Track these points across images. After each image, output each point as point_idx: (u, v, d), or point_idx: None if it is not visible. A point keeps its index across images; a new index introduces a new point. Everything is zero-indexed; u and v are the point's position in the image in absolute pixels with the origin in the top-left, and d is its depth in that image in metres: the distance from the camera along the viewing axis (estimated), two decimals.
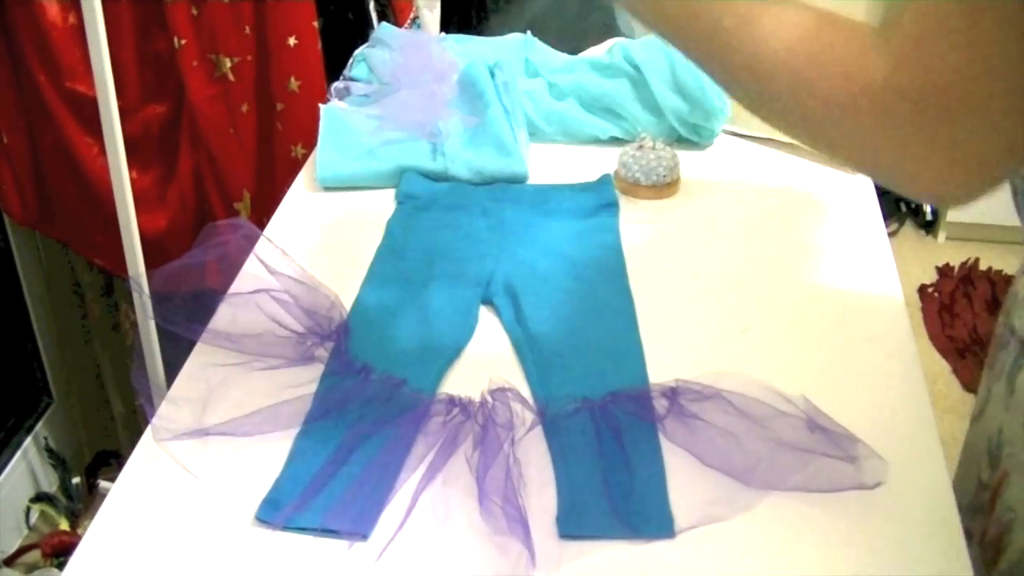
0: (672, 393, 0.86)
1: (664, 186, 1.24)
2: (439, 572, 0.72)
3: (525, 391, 0.90)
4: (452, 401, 0.86)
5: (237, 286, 0.99)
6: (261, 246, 1.00)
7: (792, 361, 0.93)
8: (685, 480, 0.79)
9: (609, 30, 1.54)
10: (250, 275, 0.99)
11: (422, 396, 0.87)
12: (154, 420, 0.84)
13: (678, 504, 0.77)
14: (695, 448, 0.82)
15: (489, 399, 0.86)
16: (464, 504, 0.77)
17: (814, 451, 0.80)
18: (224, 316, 0.95)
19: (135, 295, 1.59)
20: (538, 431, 0.85)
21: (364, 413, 0.85)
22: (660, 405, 0.85)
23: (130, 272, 1.50)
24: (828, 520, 0.76)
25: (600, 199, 1.19)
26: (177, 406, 0.87)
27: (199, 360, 0.93)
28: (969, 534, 0.77)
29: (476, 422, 0.84)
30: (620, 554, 0.74)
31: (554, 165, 1.30)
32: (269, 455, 0.82)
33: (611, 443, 0.82)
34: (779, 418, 0.82)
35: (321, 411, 0.86)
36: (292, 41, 1.61)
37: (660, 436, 0.83)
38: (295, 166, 1.47)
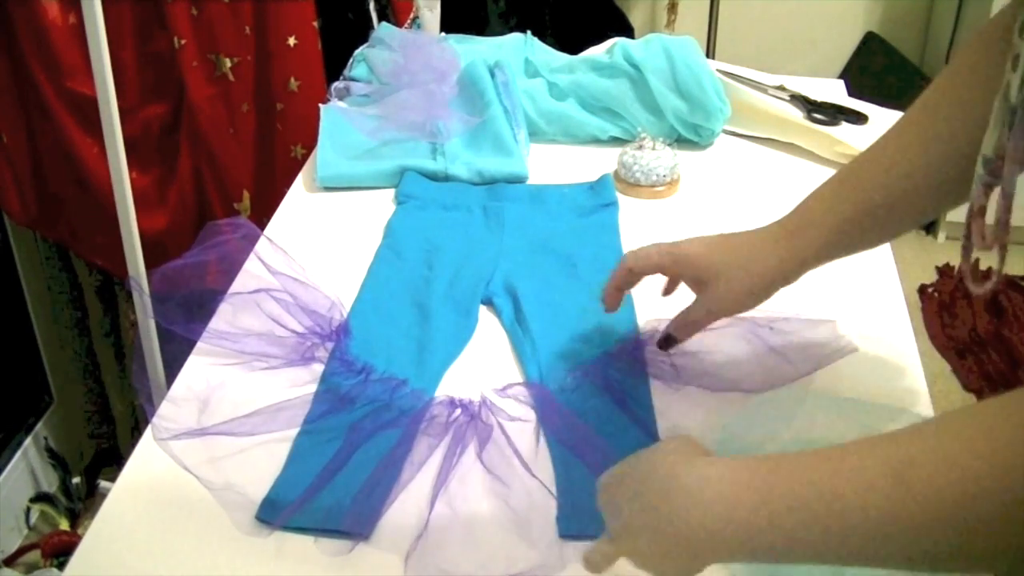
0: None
1: (664, 186, 1.24)
2: (472, 571, 0.72)
3: (525, 391, 0.90)
4: (453, 402, 0.86)
5: (237, 286, 0.99)
6: (261, 246, 1.00)
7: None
8: None
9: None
10: (250, 275, 0.99)
11: (423, 396, 0.88)
12: (154, 420, 0.84)
13: None
14: (701, 380, 0.87)
15: (492, 396, 0.86)
16: (485, 501, 0.77)
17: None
18: (224, 316, 0.95)
19: (135, 295, 1.59)
20: (538, 430, 0.85)
21: (365, 413, 0.85)
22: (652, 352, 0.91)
23: (130, 272, 1.50)
24: None
25: (600, 199, 1.19)
26: (177, 406, 0.87)
27: (199, 360, 0.93)
28: None
29: (481, 419, 0.84)
30: None
31: (554, 165, 1.30)
32: (269, 455, 0.82)
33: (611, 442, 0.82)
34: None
35: (321, 411, 0.86)
36: (292, 41, 1.61)
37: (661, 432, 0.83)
38: (295, 166, 1.47)
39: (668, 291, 0.91)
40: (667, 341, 0.89)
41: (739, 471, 0.55)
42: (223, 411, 0.86)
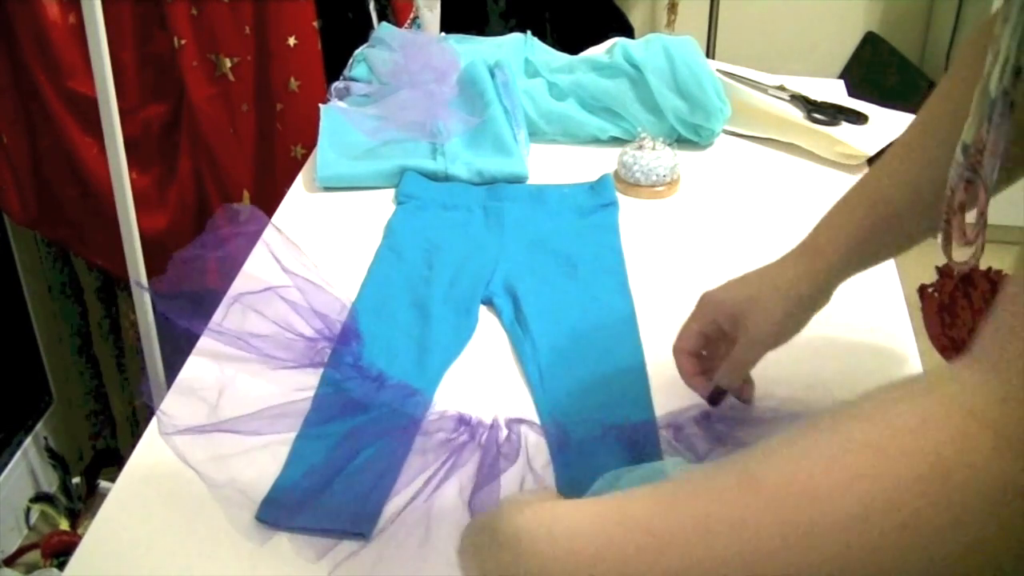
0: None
1: (664, 186, 1.24)
2: None
3: (525, 391, 0.90)
4: (461, 419, 0.85)
5: (246, 281, 0.98)
6: (273, 240, 1.00)
7: (792, 361, 0.93)
8: None
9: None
10: (261, 270, 0.98)
11: (432, 406, 0.87)
12: (158, 414, 0.83)
13: None
14: None
15: (502, 427, 0.85)
16: (447, 529, 0.75)
17: None
18: (233, 315, 0.95)
19: (135, 294, 1.59)
20: (548, 465, 0.83)
21: (370, 418, 0.85)
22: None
23: (130, 272, 1.50)
24: None
25: (600, 199, 1.19)
26: (183, 401, 0.87)
27: (204, 358, 0.92)
28: None
29: (479, 444, 0.83)
30: None
31: (554, 165, 1.30)
32: (272, 455, 0.82)
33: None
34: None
35: (327, 415, 0.86)
36: (292, 41, 1.61)
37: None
38: (295, 166, 1.47)
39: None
40: (717, 395, 0.85)
41: (587, 505, 0.54)
42: (228, 410, 0.86)
